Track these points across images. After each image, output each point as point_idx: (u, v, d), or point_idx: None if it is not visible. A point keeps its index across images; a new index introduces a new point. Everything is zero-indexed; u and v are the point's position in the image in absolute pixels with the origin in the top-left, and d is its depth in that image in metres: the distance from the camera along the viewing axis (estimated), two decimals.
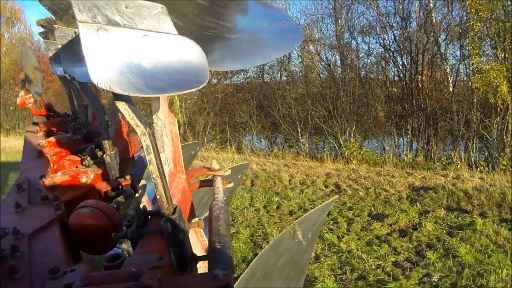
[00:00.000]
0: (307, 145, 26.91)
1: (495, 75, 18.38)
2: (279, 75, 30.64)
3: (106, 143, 3.45)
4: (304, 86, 29.32)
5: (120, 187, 3.19)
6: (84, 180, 2.94)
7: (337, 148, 24.74)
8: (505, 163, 18.29)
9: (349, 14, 28.22)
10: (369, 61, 28.65)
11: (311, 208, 12.54)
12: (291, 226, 3.06)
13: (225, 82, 30.70)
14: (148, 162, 1.95)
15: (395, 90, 26.82)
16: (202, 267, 2.35)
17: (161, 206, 2.07)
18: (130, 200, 2.93)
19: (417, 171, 17.33)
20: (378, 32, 26.91)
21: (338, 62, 29.11)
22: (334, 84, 27.32)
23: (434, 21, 23.86)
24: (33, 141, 4.82)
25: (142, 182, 3.79)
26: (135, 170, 3.64)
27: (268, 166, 19.36)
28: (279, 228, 11.25)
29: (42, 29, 4.79)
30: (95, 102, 3.62)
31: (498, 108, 19.66)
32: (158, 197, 2.04)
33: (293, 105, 27.66)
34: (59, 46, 3.52)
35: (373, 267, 8.60)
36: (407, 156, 22.01)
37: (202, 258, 2.21)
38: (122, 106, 1.84)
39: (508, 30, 18.90)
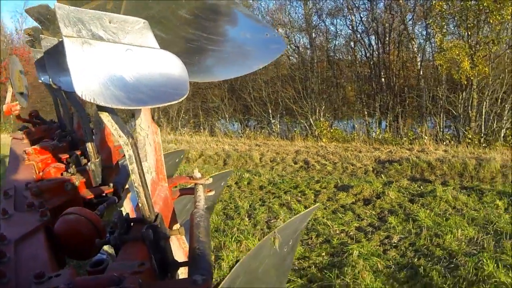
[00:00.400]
0: (278, 126, 27.65)
1: (457, 52, 19.39)
2: None
3: (91, 151, 3.49)
4: (274, 68, 29.81)
5: (104, 194, 3.24)
6: (69, 187, 2.98)
7: (307, 127, 25.89)
8: (470, 136, 19.45)
9: None
10: (337, 42, 29.44)
11: (280, 183, 13.67)
12: (272, 234, 3.11)
13: None
14: (130, 171, 2.01)
15: (363, 69, 28.20)
16: (183, 273, 2.40)
17: (143, 214, 2.12)
18: (114, 207, 2.98)
19: (384, 146, 18.53)
20: (345, 14, 28.28)
21: (308, 44, 29.82)
22: (303, 65, 28.49)
23: (401, 1, 24.90)
24: (19, 148, 4.83)
25: (126, 189, 3.84)
26: (119, 178, 3.68)
27: (240, 146, 20.26)
28: (250, 202, 11.83)
29: (28, 37, 4.83)
30: (80, 111, 3.67)
31: (464, 84, 20.70)
32: (140, 205, 2.09)
33: (264, 88, 28.88)
34: (45, 56, 3.57)
35: (338, 232, 9.42)
36: (375, 133, 23.19)
37: (182, 264, 2.26)
38: (105, 117, 1.89)
39: (471, 9, 19.82)
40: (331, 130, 24.06)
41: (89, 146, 3.48)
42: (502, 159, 13.96)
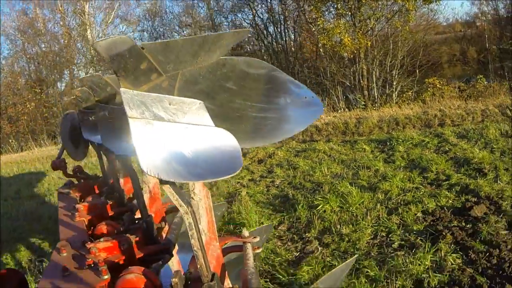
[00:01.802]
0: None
1: (339, 31, 21.71)
2: None
3: (142, 209, 3.67)
4: None
5: (157, 252, 3.40)
6: (125, 246, 3.14)
7: None
8: (364, 102, 22.00)
9: None
10: None
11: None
12: (314, 286, 3.27)
13: None
14: (190, 236, 2.20)
15: (266, 58, 30.07)
16: None
17: (201, 274, 2.31)
18: (166, 264, 3.15)
19: None
20: (244, 9, 30.96)
21: None
22: None
23: None
24: (67, 204, 4.99)
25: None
26: (170, 236, 3.82)
27: None
28: None
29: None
30: (130, 172, 3.85)
31: (351, 58, 23.44)
32: (198, 266, 2.28)
33: None
34: (98, 122, 3.82)
35: (234, 184, 11.33)
36: None
37: None
38: (167, 189, 2.09)
39: None
40: None
41: (140, 204, 3.66)
42: (380, 115, 16.43)
